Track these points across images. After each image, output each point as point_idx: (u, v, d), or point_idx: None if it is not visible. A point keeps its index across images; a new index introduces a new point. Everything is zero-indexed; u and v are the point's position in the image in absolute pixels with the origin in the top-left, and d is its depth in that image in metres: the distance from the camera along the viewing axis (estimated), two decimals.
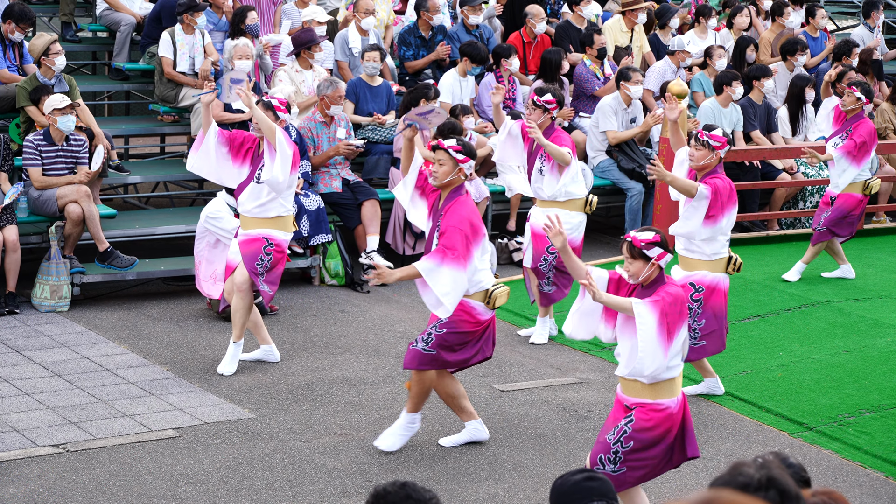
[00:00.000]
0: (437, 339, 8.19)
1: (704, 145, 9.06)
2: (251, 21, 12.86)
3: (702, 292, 9.16)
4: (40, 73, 11.69)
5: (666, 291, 6.81)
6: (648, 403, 6.88)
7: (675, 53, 14.48)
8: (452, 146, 8.18)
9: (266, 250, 9.58)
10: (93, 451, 8.26)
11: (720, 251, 9.20)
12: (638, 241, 6.85)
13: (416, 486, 3.86)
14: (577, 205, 10.44)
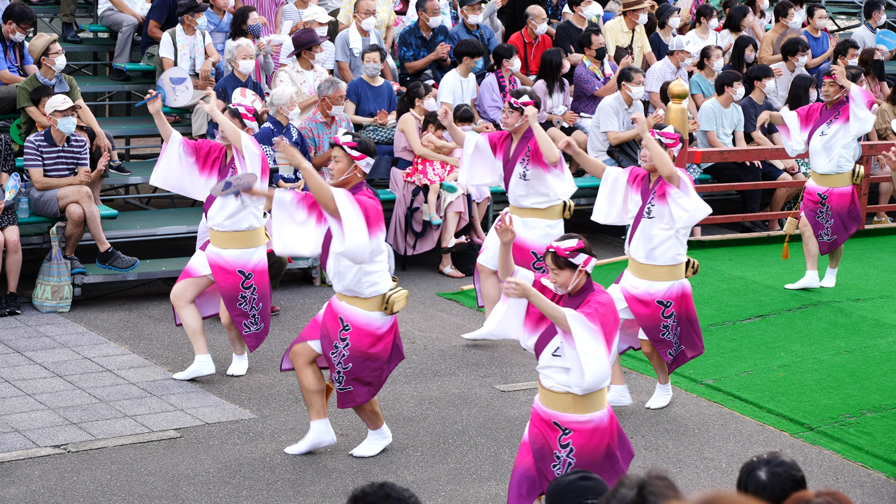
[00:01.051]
0: (347, 375, 8.00)
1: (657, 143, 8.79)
2: (252, 21, 12.86)
3: (671, 307, 8.95)
4: (40, 74, 11.69)
5: (598, 301, 6.59)
6: (579, 423, 6.64)
7: (675, 53, 14.48)
8: (347, 143, 7.93)
9: (245, 285, 9.30)
10: (94, 451, 8.26)
11: (682, 253, 8.93)
12: (562, 251, 6.64)
13: (395, 486, 3.89)
14: (556, 211, 10.14)
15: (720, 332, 10.85)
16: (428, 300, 11.61)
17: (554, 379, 6.70)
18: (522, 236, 9.82)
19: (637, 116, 8.97)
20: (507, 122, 9.95)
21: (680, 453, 8.58)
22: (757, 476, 4.51)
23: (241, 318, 9.30)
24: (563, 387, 6.64)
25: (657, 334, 9.00)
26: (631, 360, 10.24)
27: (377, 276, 7.95)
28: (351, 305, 7.98)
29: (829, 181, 11.64)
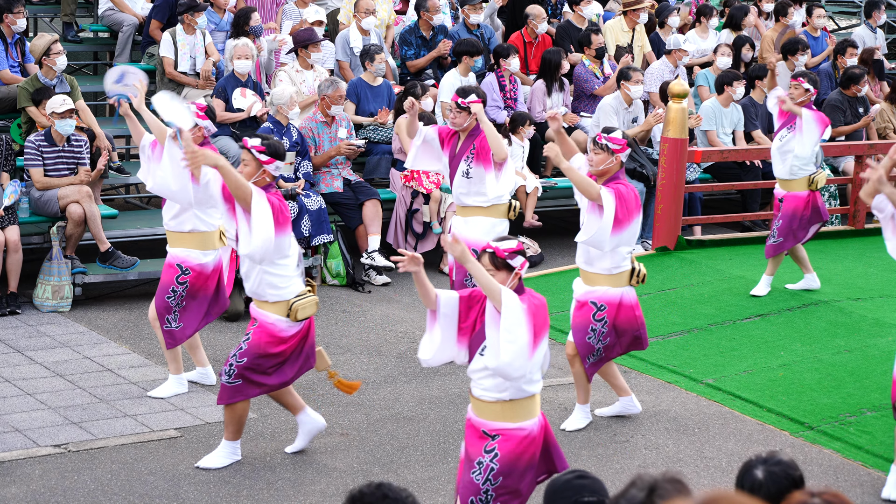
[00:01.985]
0: (239, 369, 7.85)
1: (603, 149, 8.47)
2: (255, 22, 12.87)
3: (604, 311, 8.64)
4: (41, 74, 11.70)
5: (532, 297, 6.47)
6: (509, 430, 6.45)
7: (672, 52, 14.49)
8: (256, 146, 7.79)
9: (179, 280, 9.00)
10: (94, 451, 8.27)
11: (621, 264, 8.62)
12: (501, 252, 6.49)
13: (393, 486, 3.89)
14: (501, 210, 9.82)
15: (721, 331, 10.86)
16: None
17: (483, 385, 6.47)
18: (464, 235, 9.57)
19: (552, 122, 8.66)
20: (454, 122, 9.64)
21: (680, 452, 8.59)
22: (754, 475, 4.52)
23: (163, 312, 9.01)
24: (493, 394, 6.44)
25: (584, 337, 8.68)
26: (631, 360, 10.25)
27: (281, 282, 7.79)
28: (259, 308, 7.91)
29: (786, 185, 11.53)
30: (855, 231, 14.02)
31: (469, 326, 6.54)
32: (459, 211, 9.88)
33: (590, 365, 8.79)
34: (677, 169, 12.84)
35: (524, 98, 14.00)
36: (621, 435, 8.84)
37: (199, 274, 9.06)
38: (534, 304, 6.40)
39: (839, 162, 14.69)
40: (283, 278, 7.82)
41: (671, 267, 12.54)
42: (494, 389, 6.43)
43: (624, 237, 8.45)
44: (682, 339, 10.71)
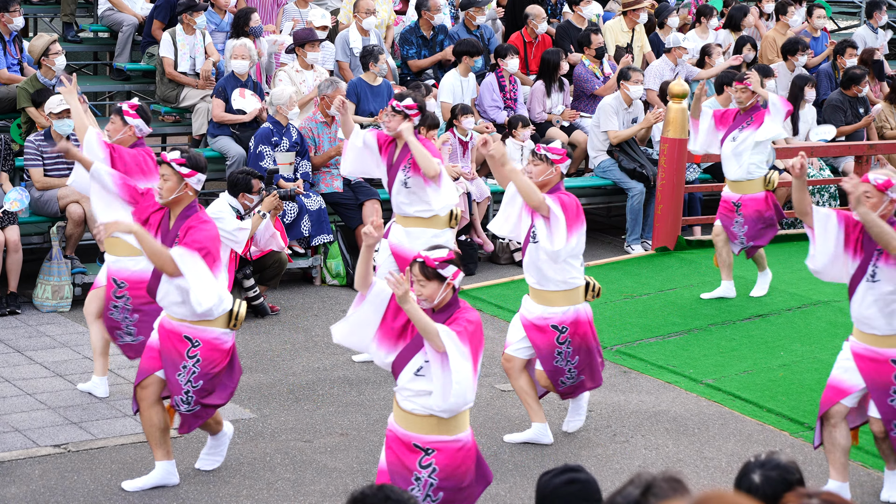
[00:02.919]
0: (196, 394, 7.54)
1: (542, 159, 8.21)
2: (255, 23, 12.87)
3: (566, 332, 8.37)
4: (41, 74, 11.70)
5: (467, 320, 6.24)
6: (446, 443, 6.30)
7: (672, 51, 14.49)
8: (176, 159, 7.44)
9: (116, 294, 8.72)
10: (94, 451, 8.26)
11: (572, 279, 8.36)
12: (431, 261, 6.27)
13: (394, 488, 3.87)
14: (442, 220, 9.59)
15: (720, 332, 10.86)
16: None
17: (415, 402, 6.28)
18: (406, 246, 9.38)
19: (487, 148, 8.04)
20: (389, 125, 9.38)
21: (680, 453, 8.59)
22: (750, 478, 4.53)
23: (113, 328, 8.79)
24: (426, 409, 6.26)
25: (552, 362, 8.42)
26: (631, 360, 10.25)
27: (224, 295, 7.51)
28: (196, 325, 7.50)
29: (741, 188, 11.32)
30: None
31: (396, 329, 6.33)
32: (400, 220, 9.61)
33: (566, 389, 8.53)
34: (677, 169, 12.84)
35: (524, 98, 14.01)
36: (621, 435, 8.84)
37: (138, 283, 8.56)
38: (469, 332, 6.20)
39: (839, 162, 14.69)
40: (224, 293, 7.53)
41: (671, 267, 12.54)
42: (429, 406, 6.27)
43: (574, 247, 8.21)
44: (682, 339, 10.71)
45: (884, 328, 7.56)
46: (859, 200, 7.29)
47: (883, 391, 7.58)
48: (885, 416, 7.61)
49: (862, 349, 7.68)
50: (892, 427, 7.64)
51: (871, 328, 7.59)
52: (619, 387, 9.75)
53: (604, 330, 10.91)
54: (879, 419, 7.65)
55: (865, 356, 7.64)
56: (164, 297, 7.50)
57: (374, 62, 12.85)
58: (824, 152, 14.14)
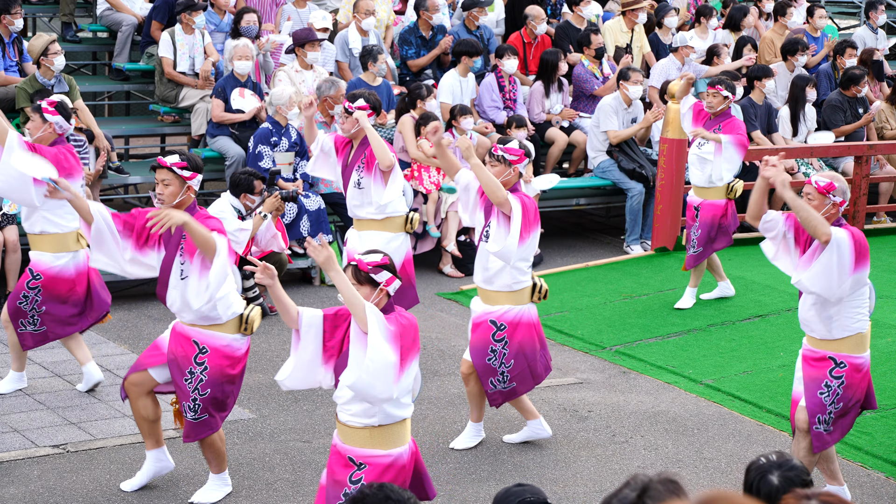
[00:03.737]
0: (204, 402, 7.39)
1: (500, 160, 8.18)
2: (245, 23, 12.85)
3: (504, 330, 8.24)
4: (39, 74, 11.69)
5: (401, 315, 6.19)
6: (377, 456, 6.21)
7: (679, 49, 14.48)
8: (176, 163, 7.29)
9: (30, 285, 8.74)
10: (93, 451, 8.26)
11: (521, 279, 8.27)
12: (364, 265, 6.18)
13: (395, 488, 3.87)
14: (396, 224, 9.53)
15: (720, 332, 10.86)
16: (427, 300, 11.60)
17: (350, 411, 6.23)
18: (356, 247, 9.27)
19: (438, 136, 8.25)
20: (343, 127, 9.39)
21: (679, 453, 8.58)
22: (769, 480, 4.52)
23: (17, 316, 8.81)
24: (362, 420, 6.21)
25: (483, 358, 8.28)
26: (630, 361, 10.25)
27: (231, 298, 7.35)
28: (207, 329, 7.37)
29: (704, 193, 11.25)
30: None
31: (335, 346, 6.27)
32: (355, 224, 9.60)
33: (495, 392, 8.35)
34: (676, 169, 12.84)
35: (523, 99, 14.00)
36: (620, 436, 8.84)
37: (54, 278, 8.72)
38: (402, 325, 6.13)
39: (839, 162, 14.69)
40: (233, 294, 7.38)
41: (671, 267, 12.54)
42: (363, 415, 6.20)
43: (526, 250, 8.16)
44: (682, 339, 10.71)
45: (822, 332, 7.48)
46: (784, 184, 7.09)
47: (815, 383, 7.50)
48: (811, 407, 7.49)
49: (807, 350, 7.62)
50: (815, 420, 7.47)
51: (812, 331, 7.54)
52: (618, 387, 9.74)
53: (603, 330, 10.91)
54: (804, 407, 7.54)
55: (808, 356, 7.59)
56: (173, 303, 7.42)
57: (373, 62, 12.84)
58: (824, 152, 14.13)
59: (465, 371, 8.47)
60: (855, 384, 7.51)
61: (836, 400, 7.46)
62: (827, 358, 7.50)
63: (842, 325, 7.47)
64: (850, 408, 7.53)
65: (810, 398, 7.51)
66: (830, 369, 7.48)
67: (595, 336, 10.80)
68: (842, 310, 7.47)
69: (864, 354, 7.60)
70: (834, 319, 7.44)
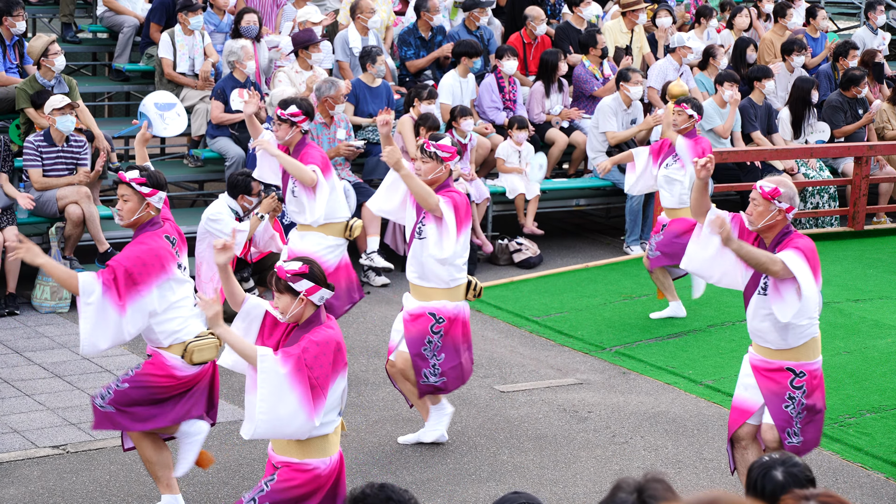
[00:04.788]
0: (116, 394, 7.16)
1: (432, 157, 8.09)
2: (245, 24, 12.85)
3: (443, 323, 8.21)
4: (39, 75, 11.69)
5: (312, 341, 6.00)
6: (295, 463, 6.16)
7: (677, 50, 14.48)
8: (135, 178, 7.11)
9: None
10: (93, 452, 8.26)
11: (458, 276, 8.25)
12: (284, 273, 6.07)
13: (395, 488, 3.87)
14: (336, 229, 9.45)
15: (720, 332, 10.85)
16: None
17: None
18: (300, 249, 9.23)
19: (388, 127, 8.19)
20: (277, 134, 9.25)
21: (679, 454, 8.58)
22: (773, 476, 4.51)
23: None
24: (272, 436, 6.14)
25: (419, 347, 8.23)
26: (630, 361, 10.25)
27: (174, 325, 7.14)
28: (156, 348, 7.25)
29: (674, 214, 10.95)
30: (854, 232, 14.02)
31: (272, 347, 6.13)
32: (299, 227, 9.51)
33: (427, 385, 8.31)
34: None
35: (523, 99, 14.00)
36: (620, 436, 8.84)
37: None
38: (313, 356, 5.94)
39: (839, 163, 14.69)
40: (177, 321, 7.17)
41: None
42: None
43: (459, 248, 8.13)
44: (682, 340, 10.71)
45: (777, 342, 7.23)
46: (729, 238, 6.90)
47: (778, 397, 7.24)
48: (779, 422, 7.22)
49: (758, 360, 7.34)
50: (785, 435, 7.24)
51: (766, 342, 7.28)
52: (618, 388, 9.75)
53: (603, 331, 10.91)
54: (773, 426, 7.25)
55: (761, 367, 7.31)
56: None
57: (373, 63, 12.84)
58: (824, 153, 14.14)
59: (391, 369, 8.42)
60: (816, 390, 7.30)
61: (801, 410, 7.23)
62: (784, 369, 7.23)
63: (797, 332, 7.19)
64: (816, 413, 7.31)
65: (776, 414, 7.24)
66: (791, 380, 7.23)
67: (595, 336, 10.80)
68: (799, 319, 7.18)
69: (818, 359, 7.33)
70: (790, 328, 7.17)
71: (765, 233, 7.19)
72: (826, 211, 14.20)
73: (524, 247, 12.93)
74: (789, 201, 7.12)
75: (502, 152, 13.18)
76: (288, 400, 5.92)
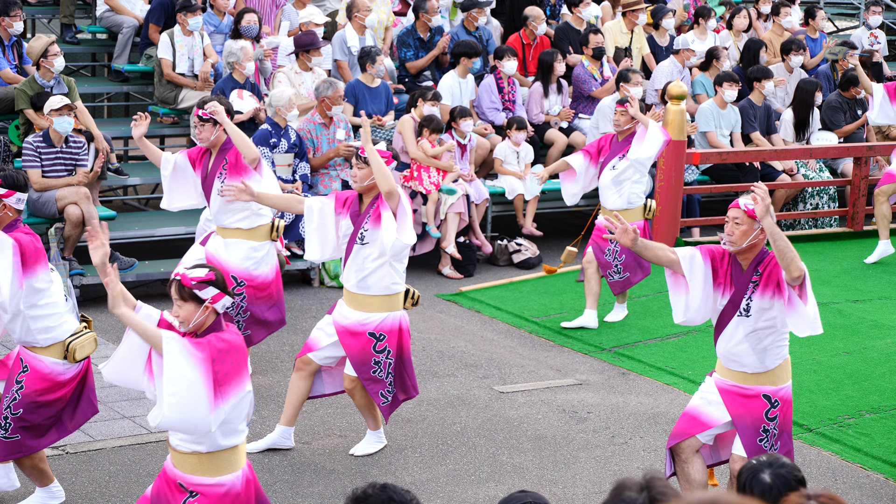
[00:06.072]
0: (15, 422, 7.12)
1: (367, 162, 7.97)
2: (245, 23, 12.85)
3: (384, 340, 8.07)
4: (39, 75, 11.68)
5: (218, 337, 5.88)
6: (208, 486, 5.96)
7: (680, 52, 14.48)
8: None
9: None
10: (92, 452, 8.25)
11: (395, 285, 8.10)
12: (187, 280, 5.88)
13: (397, 488, 3.86)
14: (262, 232, 9.24)
15: None
16: (426, 301, 11.60)
17: (178, 436, 5.99)
18: (223, 259, 9.09)
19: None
20: (200, 136, 9.11)
21: None
22: (761, 479, 4.52)
23: None
24: (190, 445, 5.96)
25: (368, 371, 8.08)
26: (629, 362, 10.25)
27: (48, 321, 7.10)
28: (30, 350, 7.15)
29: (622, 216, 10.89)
30: (854, 233, 14.02)
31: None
32: (219, 231, 9.29)
33: (387, 406, 8.18)
34: (676, 170, 12.84)
35: (522, 100, 14.00)
36: (620, 437, 8.84)
37: None
38: (218, 350, 5.84)
39: (838, 164, 14.70)
40: (52, 317, 7.14)
41: None
42: (190, 441, 5.96)
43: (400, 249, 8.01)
44: (681, 340, 10.71)
45: (755, 365, 6.94)
46: (767, 209, 6.63)
47: (752, 429, 6.95)
48: (751, 455, 6.84)
49: (730, 386, 7.01)
50: None
51: (742, 366, 6.96)
52: (617, 388, 9.74)
53: (602, 331, 10.91)
54: (744, 458, 6.91)
55: (734, 392, 6.99)
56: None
57: (372, 64, 12.85)
58: (823, 153, 14.14)
59: (348, 386, 8.25)
60: (787, 420, 7.02)
61: (775, 442, 6.97)
62: (760, 397, 6.96)
63: (775, 353, 6.95)
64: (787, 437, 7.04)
65: (749, 446, 6.94)
66: (766, 411, 6.95)
67: (594, 337, 10.80)
68: (777, 338, 6.94)
69: (790, 382, 7.08)
70: (769, 349, 6.93)
71: (745, 254, 6.91)
72: (825, 211, 14.21)
73: (523, 247, 12.92)
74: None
75: (500, 153, 13.18)
76: (195, 383, 5.76)
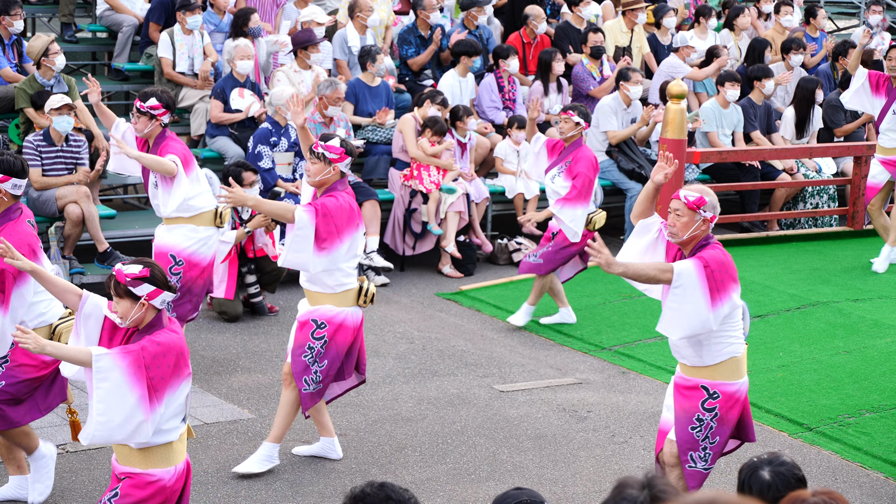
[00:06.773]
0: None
1: (320, 158, 7.79)
2: (254, 24, 12.85)
3: (325, 329, 7.91)
4: (39, 74, 11.68)
5: (153, 340, 5.84)
6: (138, 474, 5.98)
7: (680, 49, 14.47)
8: None
9: None
10: (92, 451, 8.25)
11: (344, 282, 7.95)
12: (123, 277, 5.85)
13: (395, 487, 3.87)
14: (205, 219, 9.24)
15: None
16: (426, 300, 11.61)
17: None
18: (163, 240, 9.16)
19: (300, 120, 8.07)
20: (136, 127, 9.11)
21: None
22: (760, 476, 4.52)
23: None
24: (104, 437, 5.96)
25: (299, 355, 7.93)
26: (629, 361, 10.25)
27: (41, 307, 7.18)
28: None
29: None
30: (853, 232, 14.02)
31: None
32: (165, 221, 9.30)
33: (308, 394, 7.96)
34: (676, 170, 12.81)
35: (522, 99, 14.00)
36: (620, 436, 8.84)
37: None
38: (152, 355, 5.81)
39: (838, 163, 14.69)
40: (44, 303, 7.19)
41: None
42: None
43: (336, 257, 7.78)
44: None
45: (692, 358, 6.99)
46: (609, 263, 6.74)
47: (687, 417, 6.97)
48: (682, 443, 6.95)
49: (677, 377, 7.11)
50: (687, 458, 6.95)
51: (682, 357, 7.05)
52: (617, 387, 9.75)
53: (603, 330, 10.91)
54: (674, 442, 7.01)
55: (678, 383, 7.07)
56: None
57: (372, 63, 12.85)
58: (823, 153, 14.14)
59: (285, 371, 8.12)
60: (729, 416, 6.98)
61: (711, 435, 6.93)
62: (699, 387, 6.96)
63: (713, 351, 6.94)
64: (725, 440, 7.04)
65: (680, 432, 6.96)
66: (703, 401, 6.94)
67: (594, 336, 10.80)
68: (711, 336, 6.92)
69: (739, 381, 7.02)
70: (704, 346, 6.93)
71: (687, 245, 6.95)
72: (825, 211, 14.21)
73: (524, 246, 12.92)
74: (713, 210, 6.92)
75: (500, 152, 13.18)
76: (126, 399, 5.76)
